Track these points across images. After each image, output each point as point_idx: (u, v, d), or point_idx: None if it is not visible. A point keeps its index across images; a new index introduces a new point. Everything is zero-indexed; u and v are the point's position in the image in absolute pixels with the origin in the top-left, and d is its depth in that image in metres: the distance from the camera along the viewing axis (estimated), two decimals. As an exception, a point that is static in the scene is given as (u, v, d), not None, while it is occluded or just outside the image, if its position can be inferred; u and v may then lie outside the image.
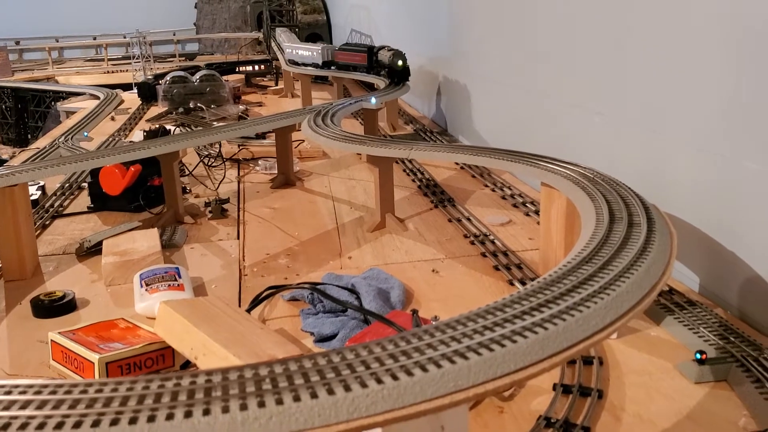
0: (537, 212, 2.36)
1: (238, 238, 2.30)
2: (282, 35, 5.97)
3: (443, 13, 4.06)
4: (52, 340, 1.41)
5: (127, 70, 7.61)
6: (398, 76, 3.82)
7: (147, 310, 1.66)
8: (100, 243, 2.09)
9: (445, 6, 4.02)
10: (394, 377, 0.77)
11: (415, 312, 1.45)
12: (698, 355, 1.33)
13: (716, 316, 1.53)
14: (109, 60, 9.43)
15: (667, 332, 1.51)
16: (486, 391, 0.80)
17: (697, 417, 1.22)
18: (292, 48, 5.06)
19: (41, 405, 0.74)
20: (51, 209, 2.62)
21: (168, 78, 4.85)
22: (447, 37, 4.04)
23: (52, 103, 6.75)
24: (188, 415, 0.71)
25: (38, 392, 0.78)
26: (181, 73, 4.90)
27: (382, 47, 4.07)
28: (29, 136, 7.41)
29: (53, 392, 0.77)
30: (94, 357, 1.29)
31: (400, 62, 3.77)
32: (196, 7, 11.17)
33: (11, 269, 1.95)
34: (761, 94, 1.51)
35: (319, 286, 1.75)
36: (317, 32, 9.10)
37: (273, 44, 6.39)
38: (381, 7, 6.00)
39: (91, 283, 1.93)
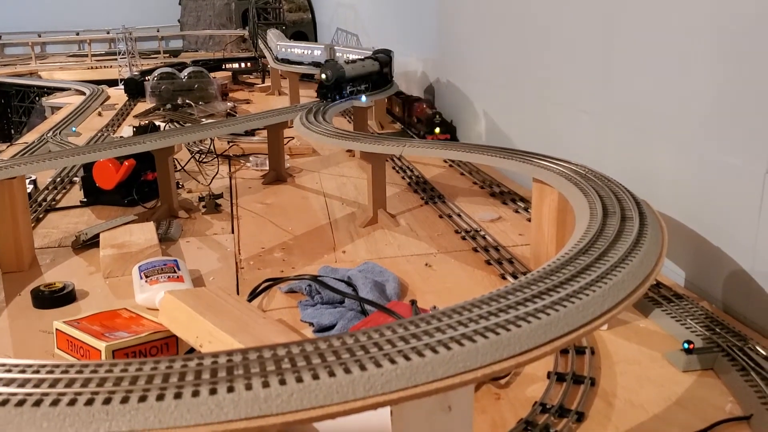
0: (526, 209, 2.41)
1: (233, 232, 2.33)
2: (271, 35, 5.96)
3: (432, 13, 4.10)
4: (57, 329, 1.43)
5: (111, 66, 7.57)
6: (321, 89, 3.15)
7: (147, 301, 1.69)
8: (96, 236, 2.10)
9: (434, 6, 4.06)
10: (407, 358, 0.81)
11: (414, 302, 1.49)
12: (686, 345, 1.38)
13: (702, 308, 1.58)
14: (93, 56, 9.37)
15: (656, 323, 1.56)
16: (493, 371, 0.84)
17: (685, 403, 1.27)
18: (344, 52, 4.46)
19: (54, 383, 0.77)
20: (44, 203, 2.62)
21: (156, 74, 4.84)
22: (436, 36, 4.09)
23: (37, 98, 6.70)
24: (213, 392, 0.74)
25: (50, 371, 0.80)
26: (169, 70, 4.90)
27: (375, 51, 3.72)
28: (12, 132, 7.34)
29: (65, 372, 0.80)
30: (101, 345, 1.32)
31: (324, 75, 3.08)
32: (180, 3, 11.12)
33: (9, 261, 1.96)
34: (744, 93, 1.57)
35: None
36: (302, 30, 9.12)
37: (260, 42, 6.40)
38: (368, 6, 6.03)
39: (89, 275, 1.95)
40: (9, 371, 0.80)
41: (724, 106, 1.64)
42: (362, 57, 3.68)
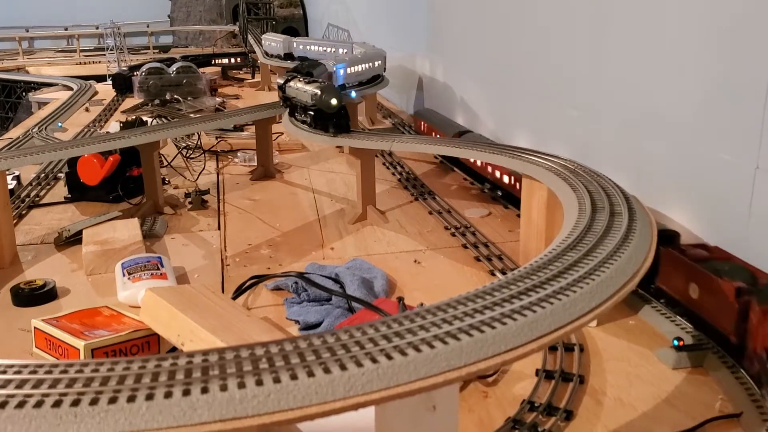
0: (515, 205, 2.39)
1: (219, 228, 2.30)
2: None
3: (422, 8, 4.08)
4: (35, 328, 1.40)
5: (100, 62, 7.51)
6: (322, 120, 2.35)
7: (130, 299, 1.66)
8: (79, 232, 2.07)
9: (425, 1, 4.03)
10: (389, 357, 0.78)
11: (401, 299, 1.47)
12: (676, 342, 1.37)
13: (692, 304, 1.56)
14: (81, 51, 9.28)
15: (645, 320, 1.55)
16: (478, 370, 0.82)
17: (675, 401, 1.25)
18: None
19: (21, 384, 0.74)
20: (27, 199, 2.59)
21: (144, 69, 4.80)
22: (426, 32, 4.06)
23: (24, 93, 6.63)
24: (186, 393, 0.72)
25: (18, 372, 0.77)
26: (158, 65, 4.85)
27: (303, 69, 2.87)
28: (-1, 127, 7.27)
29: (33, 372, 0.77)
30: (79, 344, 1.29)
31: (332, 101, 2.29)
32: (170, -1, 11.04)
33: (-11, 258, 1.93)
34: (735, 89, 1.55)
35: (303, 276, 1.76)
36: (293, 26, 9.07)
37: (250, 37, 6.36)
38: (359, 0, 6.00)
39: (71, 272, 1.92)
40: (-25, 372, 0.78)
41: (715, 101, 1.62)
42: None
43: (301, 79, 2.50)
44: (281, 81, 2.58)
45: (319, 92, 2.30)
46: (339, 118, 2.34)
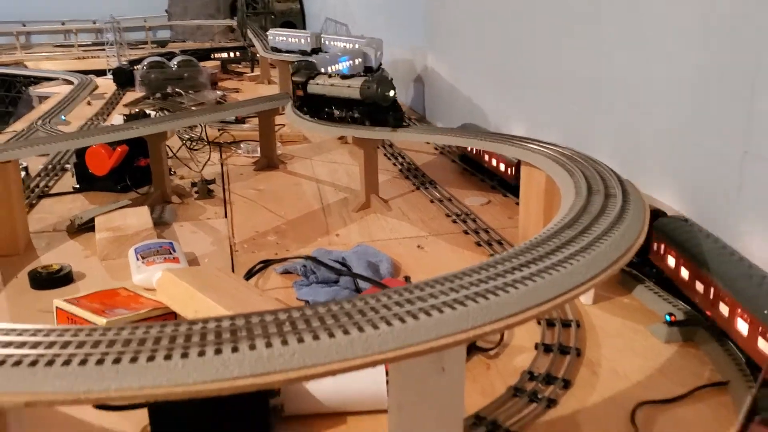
0: (514, 194, 2.45)
1: (226, 216, 2.36)
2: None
3: (420, 1, 4.13)
4: (57, 307, 1.46)
5: (98, 56, 7.54)
6: (386, 114, 2.24)
7: (145, 282, 1.72)
8: (91, 220, 2.13)
9: (423, -5, 4.08)
10: (402, 320, 0.85)
11: (407, 278, 1.54)
12: (668, 317, 1.44)
13: (684, 284, 1.63)
14: (79, 46, 9.31)
15: (639, 299, 1.62)
16: (483, 332, 0.89)
17: (666, 371, 1.32)
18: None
19: (65, 345, 0.80)
20: (36, 189, 2.64)
21: (145, 63, 4.85)
22: (424, 24, 4.11)
23: (23, 88, 6.67)
24: (218, 352, 0.78)
25: (60, 335, 0.84)
26: (159, 59, 4.90)
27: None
28: (-1, 122, 7.30)
29: (75, 335, 0.83)
30: (101, 321, 1.35)
31: (391, 92, 2.22)
32: (167, -7, 11.06)
33: (4, 245, 1.99)
34: (722, 77, 1.62)
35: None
36: (291, 20, 9.12)
37: (249, 31, 6.41)
38: (357, -5, 6.05)
39: (85, 258, 1.98)
40: (20, 335, 0.84)
41: (703, 89, 1.69)
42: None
43: (331, 75, 2.40)
44: (301, 78, 2.46)
45: (375, 85, 2.18)
46: (395, 111, 2.23)
